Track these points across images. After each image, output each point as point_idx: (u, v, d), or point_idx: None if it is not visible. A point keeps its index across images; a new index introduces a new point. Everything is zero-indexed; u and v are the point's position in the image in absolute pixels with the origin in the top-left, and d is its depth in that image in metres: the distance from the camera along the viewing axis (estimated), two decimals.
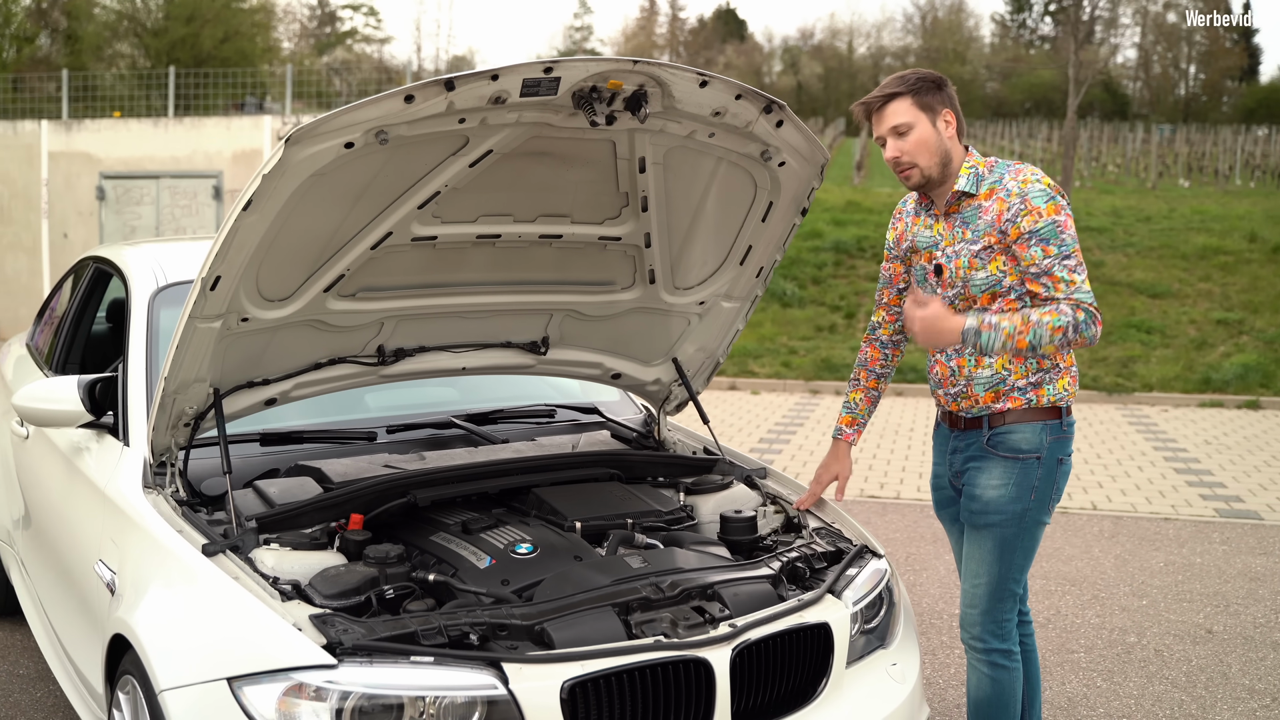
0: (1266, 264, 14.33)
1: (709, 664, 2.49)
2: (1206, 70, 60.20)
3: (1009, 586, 3.13)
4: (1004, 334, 2.89)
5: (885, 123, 3.02)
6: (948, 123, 3.02)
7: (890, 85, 3.03)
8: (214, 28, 30.70)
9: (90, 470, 3.33)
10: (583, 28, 66.56)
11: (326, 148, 2.50)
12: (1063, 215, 2.93)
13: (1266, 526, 6.58)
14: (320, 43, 57.99)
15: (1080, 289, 2.91)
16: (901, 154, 3.02)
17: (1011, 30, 65.14)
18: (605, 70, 2.61)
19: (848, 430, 3.40)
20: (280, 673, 2.34)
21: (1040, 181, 2.96)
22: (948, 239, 3.09)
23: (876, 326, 3.40)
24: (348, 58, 54.69)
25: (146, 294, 3.64)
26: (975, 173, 3.03)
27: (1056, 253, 2.91)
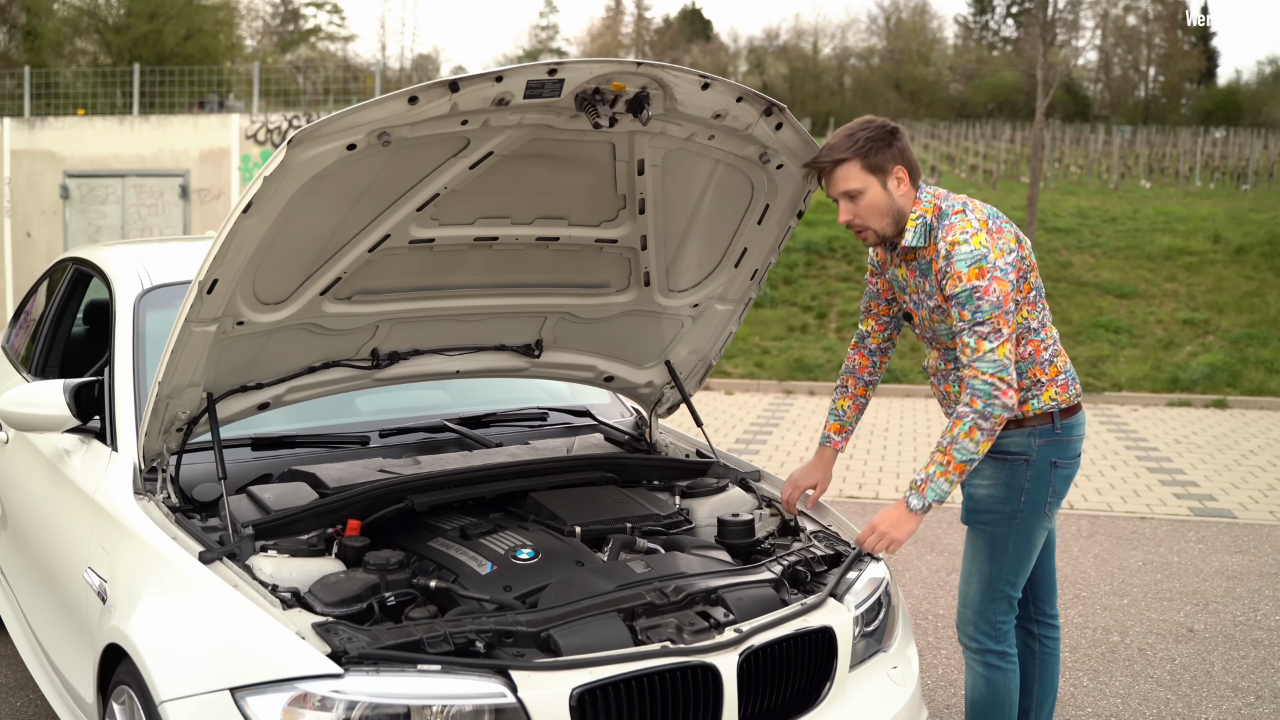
0: (1230, 264, 14.52)
1: (716, 669, 2.48)
2: (1165, 73, 60.97)
3: (1002, 588, 3.14)
4: (943, 478, 2.90)
5: (835, 186, 3.00)
6: (900, 179, 2.97)
7: (839, 148, 2.96)
8: (177, 25, 30.35)
9: (76, 476, 3.27)
10: (548, 27, 66.48)
11: (328, 149, 2.46)
12: (985, 279, 2.86)
13: (1240, 525, 6.66)
14: (283, 40, 57.51)
15: (983, 358, 2.86)
16: (854, 217, 3.01)
17: (974, 32, 65.68)
18: (608, 72, 2.59)
19: (836, 438, 3.38)
20: (285, 682, 2.31)
21: (969, 241, 2.89)
22: (911, 286, 3.12)
23: (865, 335, 3.38)
24: (311, 56, 54.31)
25: (131, 296, 3.58)
26: (923, 224, 2.99)
27: (970, 319, 2.88)
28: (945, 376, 3.20)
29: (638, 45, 64.47)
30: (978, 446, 2.88)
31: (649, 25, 65.92)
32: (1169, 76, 60.47)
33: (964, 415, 2.88)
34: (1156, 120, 52.02)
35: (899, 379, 11.62)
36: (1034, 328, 3.08)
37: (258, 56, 42.55)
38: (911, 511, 2.91)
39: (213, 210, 14.30)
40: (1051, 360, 3.11)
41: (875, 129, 2.96)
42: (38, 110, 16.48)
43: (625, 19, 65.53)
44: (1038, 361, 3.09)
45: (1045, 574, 3.38)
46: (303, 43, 58.36)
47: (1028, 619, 3.38)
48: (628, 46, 64.81)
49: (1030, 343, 3.08)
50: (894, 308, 3.33)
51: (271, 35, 57.75)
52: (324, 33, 60.69)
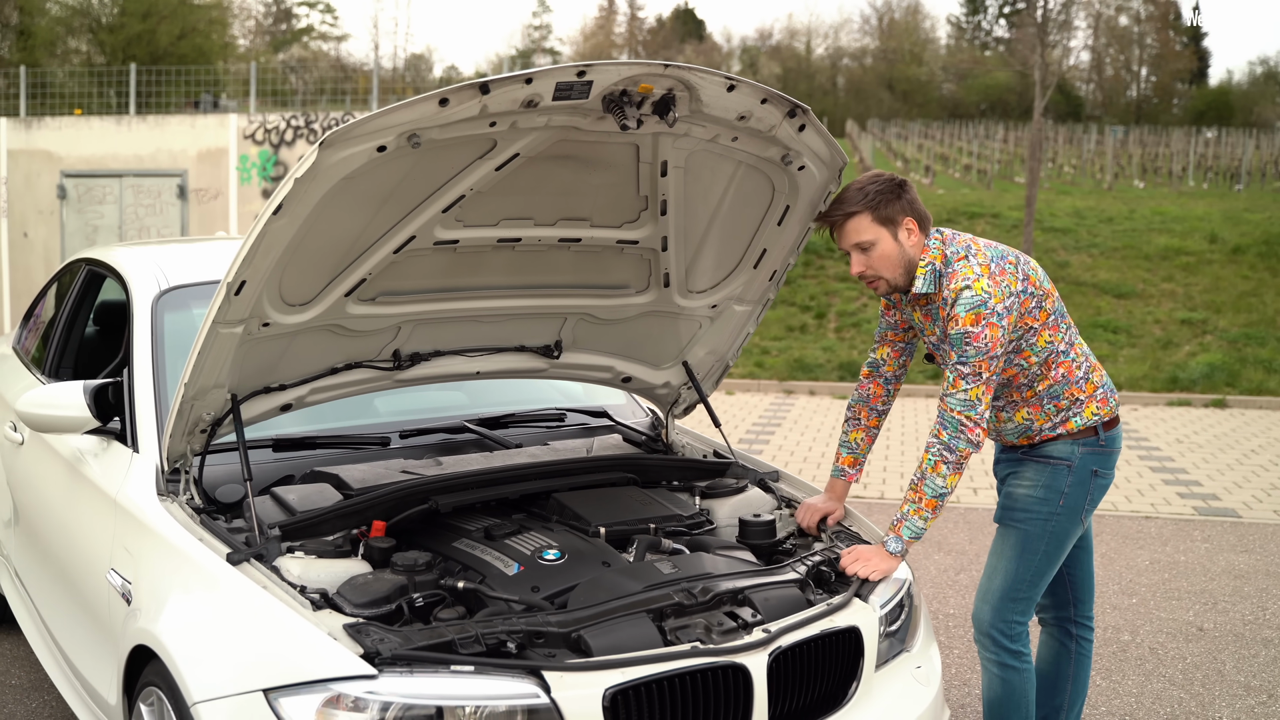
0: (1227, 265, 14.56)
1: (747, 670, 2.49)
2: (1157, 73, 61.14)
3: (1025, 589, 3.16)
4: (916, 516, 2.99)
5: (847, 239, 3.03)
6: (910, 230, 3.02)
7: (850, 201, 3.00)
8: (170, 24, 30.31)
9: (97, 477, 3.27)
10: (541, 27, 66.49)
11: (359, 151, 2.47)
12: (979, 326, 2.91)
13: (1245, 524, 6.69)
14: (276, 40, 57.42)
15: (955, 395, 2.95)
16: (867, 269, 3.04)
17: (967, 32, 65.82)
18: (636, 74, 2.59)
19: (850, 471, 3.38)
20: (319, 683, 2.31)
21: (972, 286, 2.94)
22: (928, 329, 3.15)
23: (881, 363, 3.37)
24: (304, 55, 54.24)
25: (149, 297, 3.57)
26: (932, 270, 3.02)
27: (956, 358, 2.96)
28: None
29: (630, 45, 64.48)
30: (945, 481, 2.96)
31: (642, 25, 65.95)
32: (1161, 77, 60.67)
33: (931, 445, 2.98)
34: (1149, 120, 52.19)
35: None
36: (1062, 350, 3.11)
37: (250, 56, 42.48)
38: (890, 554, 2.97)
39: (210, 210, 14.27)
40: (1087, 377, 3.15)
41: (884, 182, 3.01)
42: (32, 110, 16.43)
43: (618, 19, 65.55)
44: (1073, 381, 3.13)
45: (1086, 576, 3.40)
46: (295, 42, 58.27)
47: (1067, 620, 3.40)
48: (620, 46, 64.82)
49: (1061, 364, 3.11)
50: (910, 334, 3.35)
51: (264, 35, 57.66)
52: (316, 32, 60.66)
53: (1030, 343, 3.07)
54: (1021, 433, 3.19)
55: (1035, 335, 3.07)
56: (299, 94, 21.55)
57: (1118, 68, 61.00)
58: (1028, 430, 3.17)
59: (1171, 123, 49.74)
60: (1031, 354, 3.08)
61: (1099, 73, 59.57)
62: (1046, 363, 3.10)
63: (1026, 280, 3.03)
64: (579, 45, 63.23)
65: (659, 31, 64.75)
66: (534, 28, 66.48)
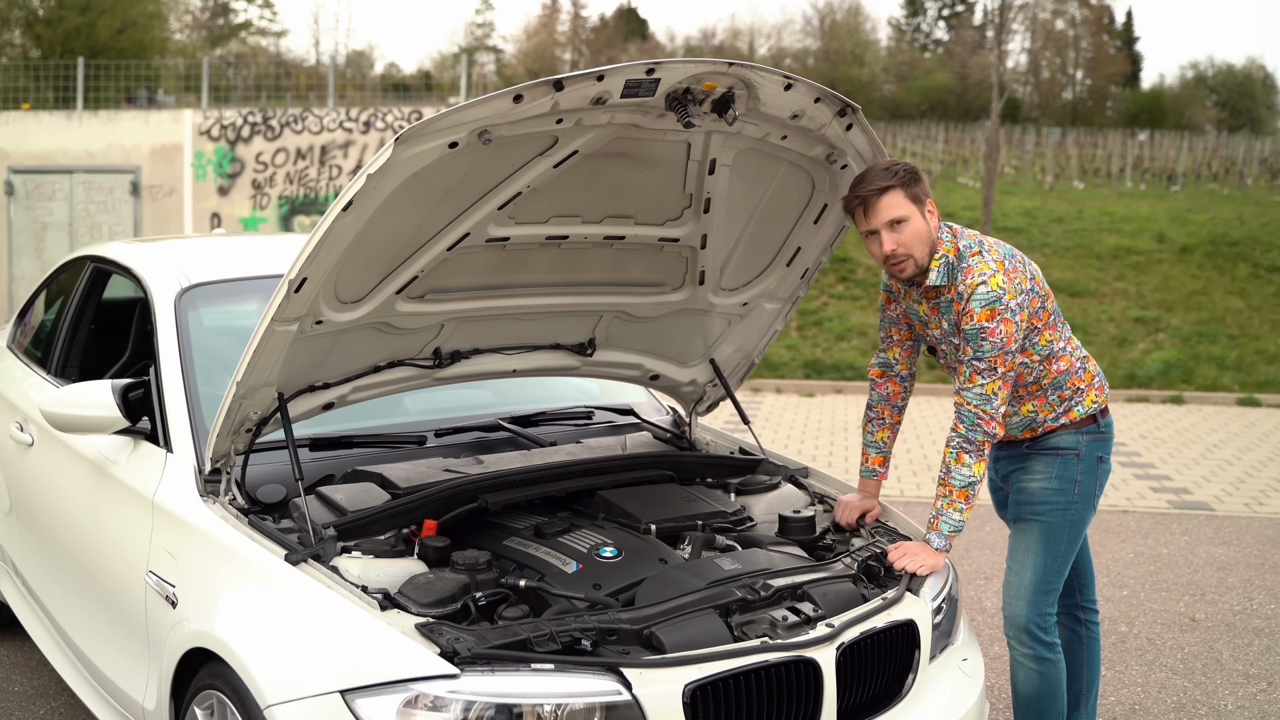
0: (1176, 264, 14.88)
1: (817, 664, 2.51)
2: (1092, 76, 62.27)
3: (1053, 581, 3.23)
4: (951, 509, 3.05)
5: (881, 216, 3.02)
6: (931, 212, 3.08)
7: (883, 178, 3.02)
8: (110, 18, 29.65)
9: (129, 478, 3.21)
10: (484, 24, 66.07)
11: (431, 147, 2.46)
12: (994, 321, 2.97)
13: (1220, 517, 6.85)
14: (213, 35, 56.48)
15: (971, 390, 3.02)
16: (899, 246, 3.04)
17: (907, 34, 66.55)
18: (701, 72, 2.61)
19: (880, 470, 3.43)
20: (399, 684, 2.30)
21: (988, 282, 2.99)
22: (933, 322, 3.20)
23: (893, 364, 3.40)
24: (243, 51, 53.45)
25: (170, 295, 3.51)
26: (945, 263, 3.07)
27: (971, 354, 3.02)
28: None
29: (574, 44, 64.36)
30: (971, 469, 3.03)
31: (585, 24, 65.86)
32: (1096, 80, 61.79)
33: (951, 440, 3.06)
34: (1084, 122, 53.11)
35: None
36: (1061, 345, 3.21)
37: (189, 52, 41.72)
38: (935, 550, 3.02)
39: (164, 208, 14.02)
40: (1084, 368, 3.25)
41: (906, 165, 3.05)
42: None
43: (561, 17, 65.40)
44: (1073, 372, 3.22)
45: (1086, 563, 3.49)
46: (233, 37, 57.38)
47: (1074, 607, 3.48)
48: (563, 45, 64.68)
49: (1061, 358, 3.20)
50: (914, 331, 3.40)
51: (200, 30, 56.69)
52: (255, 27, 59.77)
53: (1033, 341, 3.13)
54: (1026, 425, 3.25)
55: (1038, 335, 3.14)
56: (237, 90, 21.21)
57: (1054, 70, 62.02)
58: (1032, 422, 3.24)
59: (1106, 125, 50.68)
60: (1034, 352, 3.15)
61: (1036, 75, 60.52)
62: (1048, 359, 3.18)
63: (1033, 280, 3.09)
64: (522, 43, 63.00)
65: (602, 30, 64.69)
66: (477, 25, 66.07)
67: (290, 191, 13.80)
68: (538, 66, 59.11)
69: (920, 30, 66.40)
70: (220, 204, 13.92)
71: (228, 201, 13.89)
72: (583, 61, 60.84)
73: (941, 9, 66.01)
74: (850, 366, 11.98)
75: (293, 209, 13.81)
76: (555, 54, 62.70)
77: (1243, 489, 7.57)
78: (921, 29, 66.49)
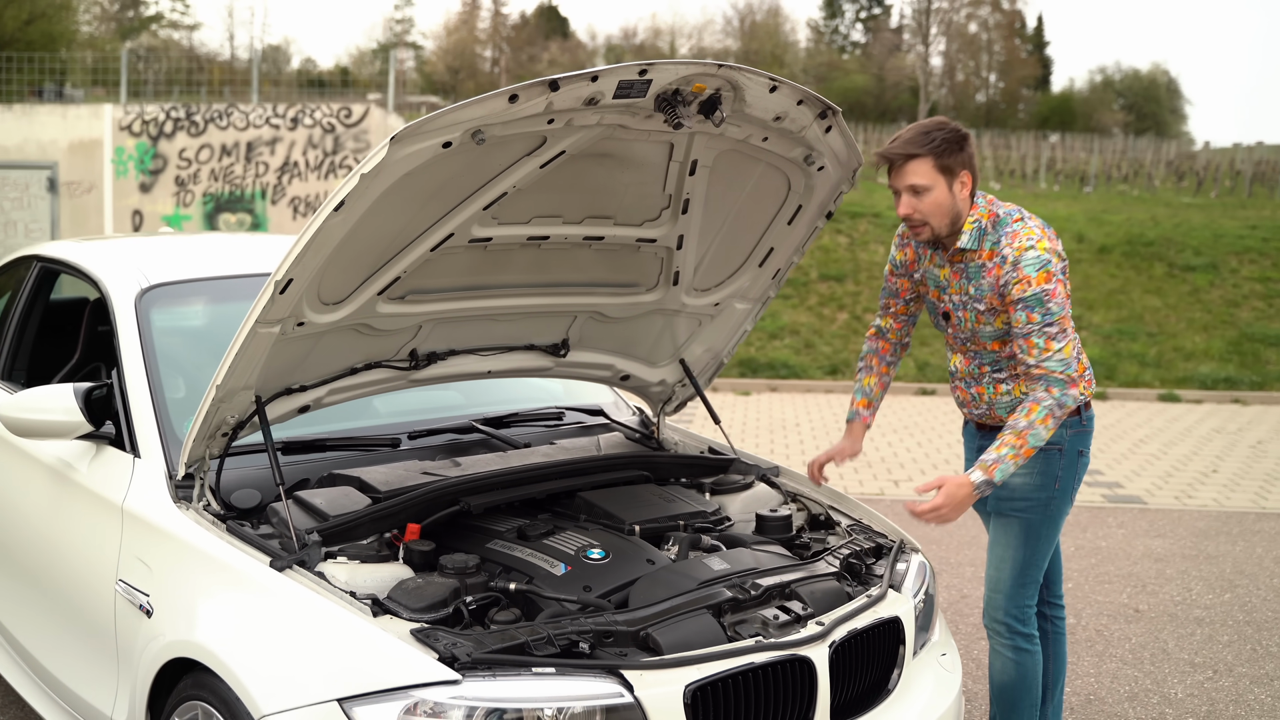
0: (1095, 263, 15.25)
1: (811, 662, 2.53)
2: (1005, 79, 63.58)
3: (1031, 573, 3.30)
4: (1009, 459, 3.06)
5: (903, 179, 3.09)
6: (964, 184, 3.10)
7: (915, 143, 3.06)
8: (17, 8, 28.78)
9: (94, 485, 3.12)
10: (404, 20, 65.40)
11: (425, 147, 2.42)
12: (1052, 283, 3.03)
13: (1153, 510, 7.05)
14: (123, 28, 55.11)
15: (1050, 357, 3.05)
16: (915, 212, 3.10)
17: (825, 35, 67.31)
18: (692, 73, 2.61)
19: (865, 413, 3.51)
20: (398, 691, 2.26)
21: (1035, 247, 3.04)
22: (954, 287, 3.23)
23: (886, 331, 3.51)
24: (155, 44, 52.23)
25: (130, 296, 3.42)
26: (978, 228, 3.12)
27: (1039, 320, 3.05)
28: (976, 379, 3.32)
29: (494, 42, 64.01)
30: (1047, 434, 3.05)
31: (505, 21, 65.51)
32: (1008, 83, 63.11)
33: (1042, 400, 3.04)
34: (997, 124, 54.19)
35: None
36: (1067, 329, 3.23)
37: (97, 44, 40.64)
38: (976, 491, 3.03)
39: (84, 205, 13.63)
40: (1078, 358, 3.27)
41: (950, 131, 3.07)
42: None
43: (482, 14, 64.97)
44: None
45: (1055, 559, 3.55)
46: (144, 30, 56.04)
47: (1041, 602, 3.54)
48: (484, 42, 64.28)
49: None
50: (913, 307, 3.45)
51: (109, 22, 55.27)
52: (166, 20, 58.45)
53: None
54: (1013, 408, 3.26)
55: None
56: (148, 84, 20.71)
57: (968, 73, 63.23)
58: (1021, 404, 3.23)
59: (1019, 127, 51.76)
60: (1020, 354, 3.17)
61: (951, 78, 61.63)
62: None
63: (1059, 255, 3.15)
64: (442, 40, 62.47)
65: (523, 28, 64.43)
66: (396, 21, 65.37)
67: (215, 188, 13.53)
68: (458, 64, 58.69)
69: (839, 32, 67.25)
70: (142, 201, 13.59)
71: (150, 198, 13.57)
72: (504, 59, 60.54)
73: (859, 12, 66.91)
74: (785, 365, 12.09)
75: (218, 206, 13.53)
76: (476, 51, 62.31)
77: (1171, 482, 7.79)
78: (840, 30, 67.35)
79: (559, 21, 66.77)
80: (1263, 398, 11.58)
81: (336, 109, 13.57)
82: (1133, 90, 64.48)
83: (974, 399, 3.35)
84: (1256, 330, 13.22)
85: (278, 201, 13.45)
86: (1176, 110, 68.62)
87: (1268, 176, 28.98)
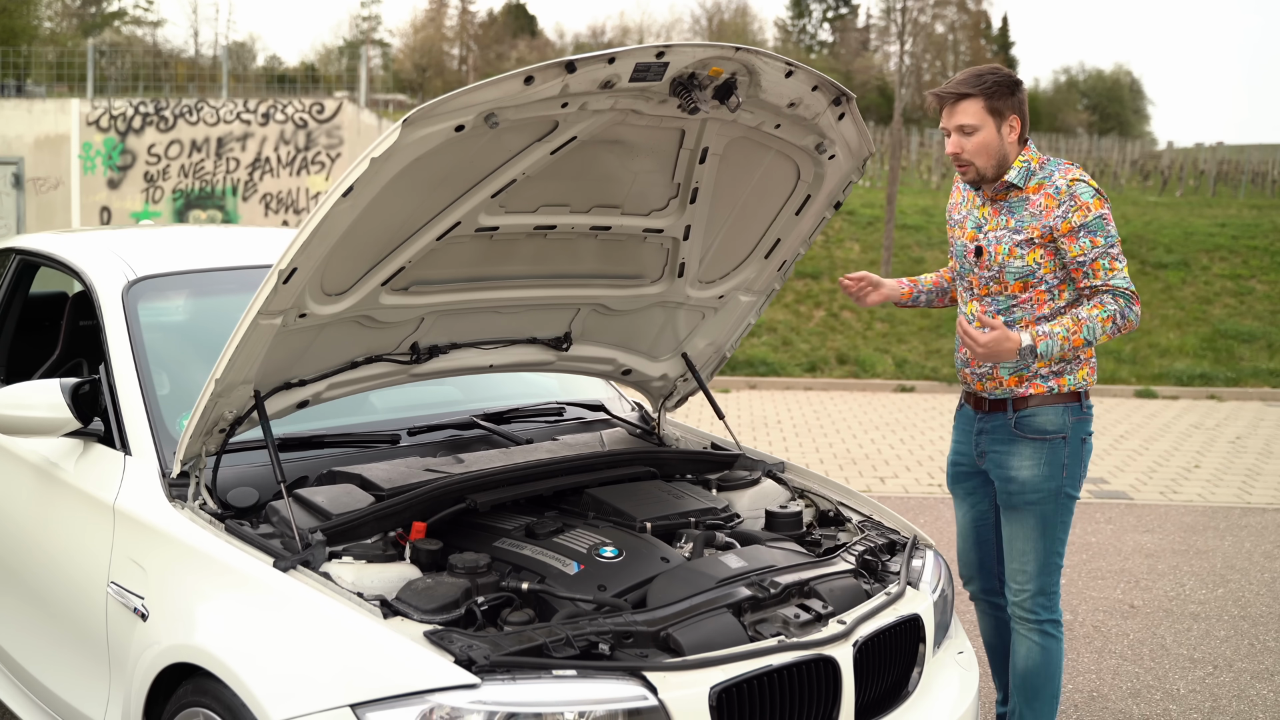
0: None
1: (835, 661, 2.46)
2: None
3: (1053, 559, 3.29)
4: (1059, 339, 3.09)
5: (954, 119, 3.16)
6: (1012, 128, 3.16)
7: (966, 83, 3.14)
8: None
9: (83, 484, 3.01)
10: (371, 17, 64.91)
11: (438, 130, 2.34)
12: (1106, 209, 3.14)
13: (1140, 506, 7.04)
14: (85, 24, 54.40)
15: (1118, 275, 3.13)
16: (962, 151, 3.17)
17: (793, 35, 67.45)
18: (709, 57, 2.54)
19: (908, 285, 3.61)
20: (415, 695, 2.18)
21: (1086, 181, 3.13)
22: (991, 224, 3.26)
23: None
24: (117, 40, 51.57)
25: (116, 289, 3.30)
26: (1027, 168, 3.19)
27: (1103, 244, 3.12)
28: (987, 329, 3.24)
29: (462, 39, 63.69)
30: (1100, 335, 3.10)
31: (473, 19, 65.20)
32: None
33: (1107, 304, 3.11)
34: None
35: (866, 371, 11.82)
36: None
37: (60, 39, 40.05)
38: (1019, 353, 3.07)
39: (50, 201, 13.38)
40: None
41: (1002, 75, 3.15)
42: None
43: (449, 12, 64.62)
44: None
45: None
46: (106, 26, 55.33)
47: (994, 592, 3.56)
48: (451, 40, 63.94)
49: None
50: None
51: (71, 18, 54.54)
52: (130, 16, 57.72)
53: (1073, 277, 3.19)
54: (1016, 370, 3.23)
55: None
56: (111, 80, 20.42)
57: (934, 73, 63.52)
58: (1024, 369, 3.23)
59: None
60: (1067, 290, 3.20)
61: (918, 78, 61.90)
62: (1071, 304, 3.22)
63: None
64: (409, 38, 62.06)
65: (490, 26, 64.15)
66: (362, 18, 64.86)
67: (185, 184, 13.32)
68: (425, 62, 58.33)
69: (806, 32, 67.40)
70: (110, 197, 13.37)
71: (118, 195, 13.34)
72: (472, 57, 60.25)
73: (826, 11, 67.09)
74: (763, 362, 12.05)
75: (188, 203, 13.33)
76: (443, 49, 61.96)
77: (1155, 478, 7.80)
78: (807, 30, 67.50)
79: (527, 19, 66.55)
80: (1238, 394, 11.66)
81: (309, 104, 13.39)
82: (1096, 90, 65.07)
83: None
84: (1229, 327, 13.31)
85: (249, 198, 13.27)
86: (1139, 110, 69.33)
87: (1230, 176, 29.29)
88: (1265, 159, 30.41)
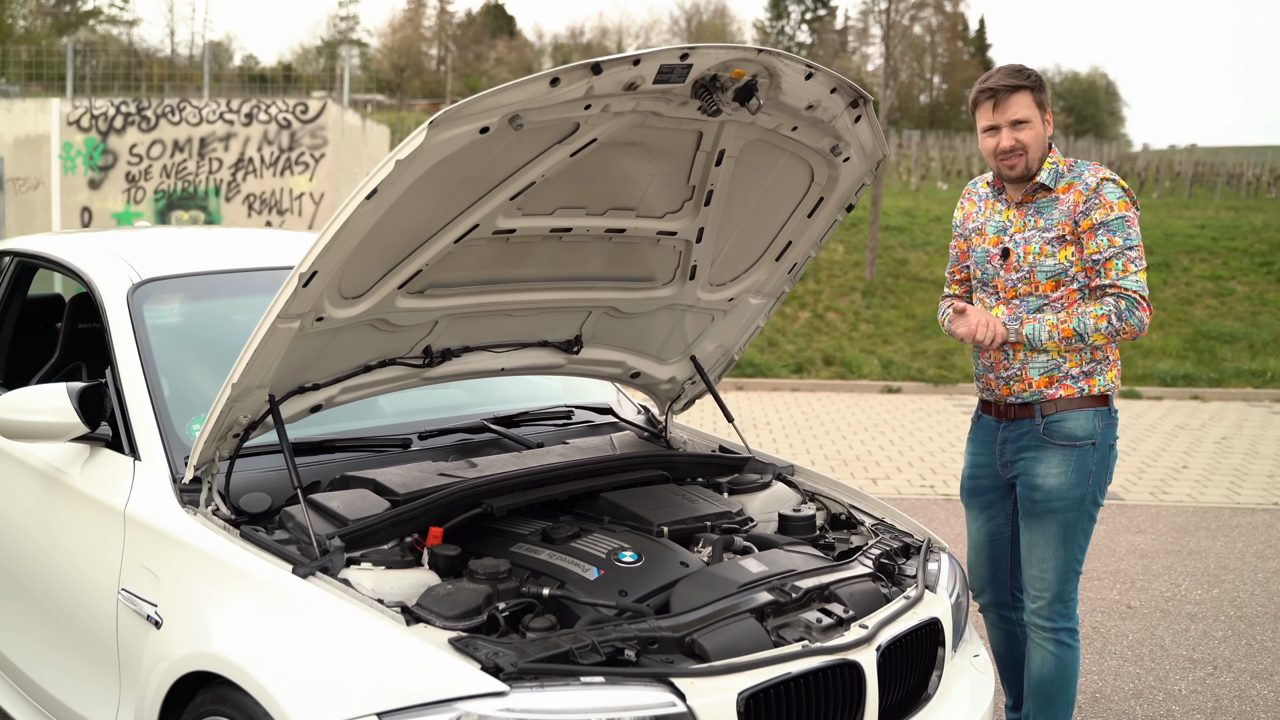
0: None
1: (860, 666, 2.46)
2: (948, 81, 64.31)
3: (1073, 567, 3.28)
4: (1048, 325, 3.15)
5: (1007, 113, 3.19)
6: (1049, 122, 3.22)
7: (1016, 77, 3.19)
8: None
9: (91, 490, 2.97)
10: (349, 17, 64.60)
11: (463, 132, 2.32)
12: (1131, 212, 3.16)
13: (1131, 506, 7.08)
14: (60, 23, 53.97)
15: (1129, 278, 3.13)
16: (1018, 143, 3.19)
17: (771, 36, 67.59)
18: (732, 59, 2.53)
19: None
20: (442, 704, 2.15)
21: (1115, 182, 3.17)
22: (1017, 225, 3.27)
23: (956, 297, 3.56)
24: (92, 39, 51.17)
25: (121, 292, 3.26)
26: (1055, 169, 3.23)
27: (1120, 244, 3.14)
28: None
29: (440, 40, 63.53)
30: (1092, 331, 3.11)
31: (451, 19, 65.03)
32: (951, 84, 63.83)
33: (1106, 303, 3.13)
34: (941, 125, 54.76)
35: (852, 372, 11.83)
36: None
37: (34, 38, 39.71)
38: (1005, 326, 3.16)
39: (30, 201, 13.25)
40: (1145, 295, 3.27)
41: (1037, 72, 3.22)
42: None
43: (427, 12, 64.44)
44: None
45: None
46: (81, 25, 54.91)
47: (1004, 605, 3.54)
48: (430, 40, 63.79)
49: None
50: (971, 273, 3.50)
51: (45, 16, 54.09)
52: (105, 15, 57.30)
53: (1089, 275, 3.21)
54: (1047, 370, 3.23)
55: None
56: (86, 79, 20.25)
57: (912, 75, 63.79)
58: (1055, 369, 3.22)
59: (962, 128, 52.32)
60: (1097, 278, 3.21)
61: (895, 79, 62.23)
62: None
63: None
64: (388, 38, 61.87)
65: (469, 26, 64.00)
66: (340, 18, 64.56)
67: (167, 185, 13.21)
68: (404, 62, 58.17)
69: (784, 34, 67.53)
70: (92, 198, 13.24)
71: (100, 195, 13.22)
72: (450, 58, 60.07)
73: (804, 13, 67.30)
74: (750, 364, 12.05)
75: (170, 203, 13.22)
76: (422, 49, 61.80)
77: (1145, 479, 7.84)
78: (785, 32, 67.64)
79: (505, 20, 66.45)
80: (1221, 394, 11.74)
81: (293, 105, 13.31)
82: (1072, 92, 65.46)
83: (1007, 356, 3.28)
84: (1211, 328, 13.41)
85: (232, 199, 13.17)
86: (1115, 112, 69.87)
87: (1206, 178, 29.52)
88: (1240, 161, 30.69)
